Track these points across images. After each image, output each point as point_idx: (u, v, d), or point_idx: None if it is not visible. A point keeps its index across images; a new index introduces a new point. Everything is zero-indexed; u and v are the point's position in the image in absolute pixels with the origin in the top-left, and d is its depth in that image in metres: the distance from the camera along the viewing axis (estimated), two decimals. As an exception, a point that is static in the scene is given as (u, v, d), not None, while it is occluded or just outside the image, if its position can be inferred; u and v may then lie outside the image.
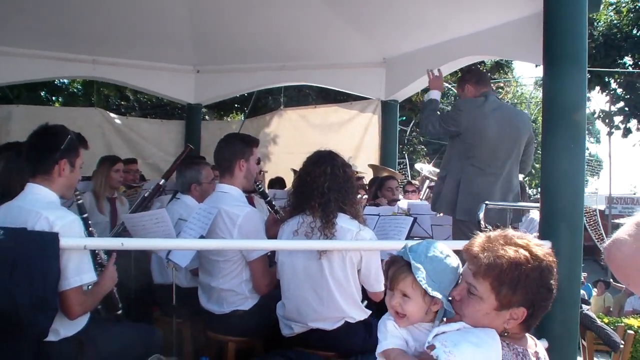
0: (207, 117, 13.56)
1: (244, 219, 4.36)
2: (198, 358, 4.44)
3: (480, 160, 5.51)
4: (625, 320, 8.07)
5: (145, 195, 5.94)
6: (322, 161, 4.13)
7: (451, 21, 7.58)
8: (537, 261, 2.37)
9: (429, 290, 2.50)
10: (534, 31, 6.01)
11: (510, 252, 2.37)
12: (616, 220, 26.24)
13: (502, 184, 5.59)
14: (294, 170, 9.12)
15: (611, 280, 15.57)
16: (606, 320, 7.70)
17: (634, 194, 36.28)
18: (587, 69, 4.92)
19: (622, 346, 6.64)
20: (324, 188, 4.04)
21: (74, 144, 3.67)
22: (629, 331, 6.85)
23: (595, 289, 15.72)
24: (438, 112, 5.84)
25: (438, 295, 2.51)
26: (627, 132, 24.53)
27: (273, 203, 5.42)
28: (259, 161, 5.24)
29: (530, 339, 2.53)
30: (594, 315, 7.03)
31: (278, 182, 9.22)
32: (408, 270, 2.55)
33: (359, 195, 4.88)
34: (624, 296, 14.55)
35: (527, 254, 2.37)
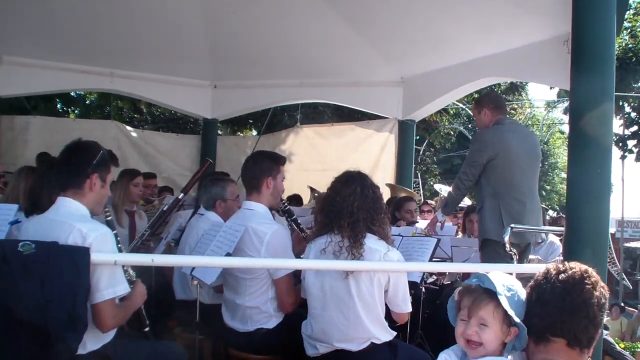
0: (219, 131, 13.58)
1: (272, 237, 4.35)
2: (220, 376, 4.42)
3: (512, 181, 5.62)
4: (641, 346, 8.01)
5: (164, 209, 5.95)
6: (352, 181, 4.13)
7: (470, 42, 7.61)
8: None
9: (516, 318, 2.53)
10: (555, 54, 6.04)
11: None
12: (627, 244, 26.16)
13: (532, 204, 5.71)
14: (311, 188, 9.12)
15: (622, 304, 15.48)
16: (622, 346, 7.66)
17: (644, 217, 36.07)
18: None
19: (641, 372, 6.62)
20: (353, 208, 4.03)
21: (105, 160, 3.68)
22: (647, 358, 6.80)
23: (608, 313, 15.60)
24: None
25: (521, 324, 2.54)
26: (640, 156, 24.50)
27: (298, 221, 5.41)
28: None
29: None
30: (612, 340, 6.99)
31: (295, 199, 9.18)
32: (489, 297, 2.56)
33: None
34: (636, 321, 14.44)
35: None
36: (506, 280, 2.64)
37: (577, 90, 4.80)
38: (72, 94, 16.23)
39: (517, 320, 2.54)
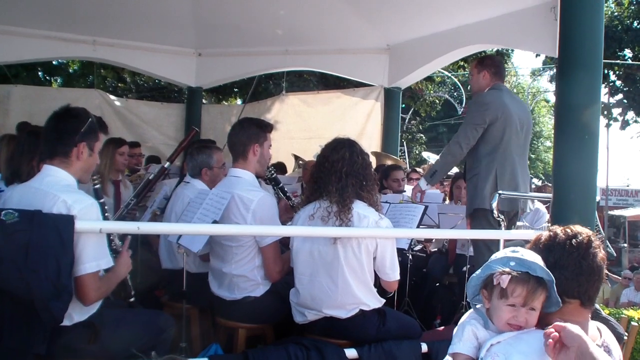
0: (204, 100, 13.48)
1: (258, 204, 4.31)
2: (207, 344, 4.39)
3: (507, 147, 5.47)
4: (625, 312, 8.05)
5: (150, 178, 5.92)
6: (341, 147, 4.12)
7: (457, 9, 7.55)
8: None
9: (559, 299, 2.56)
10: (542, 21, 6.01)
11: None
12: (611, 212, 26.35)
13: (524, 171, 5.61)
14: (295, 156, 9.08)
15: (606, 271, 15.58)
16: (607, 312, 7.69)
17: (628, 185, 36.40)
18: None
19: (625, 337, 6.63)
20: (341, 173, 4.02)
21: (94, 128, 3.60)
22: (633, 323, 6.83)
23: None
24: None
25: (559, 300, 2.57)
26: (625, 124, 24.69)
27: (285, 189, 5.38)
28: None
29: (595, 330, 2.62)
30: (598, 307, 7.03)
31: (279, 167, 9.14)
32: (541, 286, 2.55)
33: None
34: (620, 288, 14.54)
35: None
36: (541, 260, 2.61)
37: (565, 57, 4.78)
38: (55, 62, 16.03)
39: (560, 303, 2.56)
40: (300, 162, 9.16)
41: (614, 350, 2.57)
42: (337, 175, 4.02)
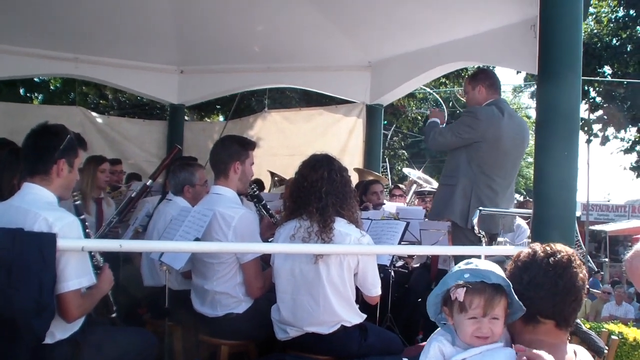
0: (186, 117, 13.47)
1: (239, 221, 4.33)
2: (190, 362, 4.40)
3: (491, 170, 5.43)
4: (606, 326, 8.09)
5: (132, 195, 5.91)
6: (319, 165, 4.11)
7: (438, 26, 7.59)
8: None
9: (521, 305, 2.55)
10: (522, 38, 6.05)
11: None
12: (592, 227, 26.53)
13: (507, 194, 5.59)
14: (272, 173, 9.09)
15: (587, 286, 15.69)
16: (588, 326, 7.72)
17: (608, 200, 36.73)
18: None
19: (606, 351, 6.66)
20: (321, 193, 4.02)
21: (73, 144, 3.61)
22: (613, 337, 6.86)
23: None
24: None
25: (523, 307, 2.56)
26: (605, 140, 24.98)
27: (268, 206, 5.39)
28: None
29: (572, 353, 2.60)
30: (579, 321, 7.05)
31: (256, 184, 9.13)
32: (499, 293, 2.55)
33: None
34: (600, 302, 14.66)
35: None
36: (497, 268, 2.63)
37: (544, 74, 4.82)
38: (36, 79, 15.97)
39: (523, 307, 2.55)
40: (276, 178, 9.17)
41: None
42: (317, 196, 4.03)
